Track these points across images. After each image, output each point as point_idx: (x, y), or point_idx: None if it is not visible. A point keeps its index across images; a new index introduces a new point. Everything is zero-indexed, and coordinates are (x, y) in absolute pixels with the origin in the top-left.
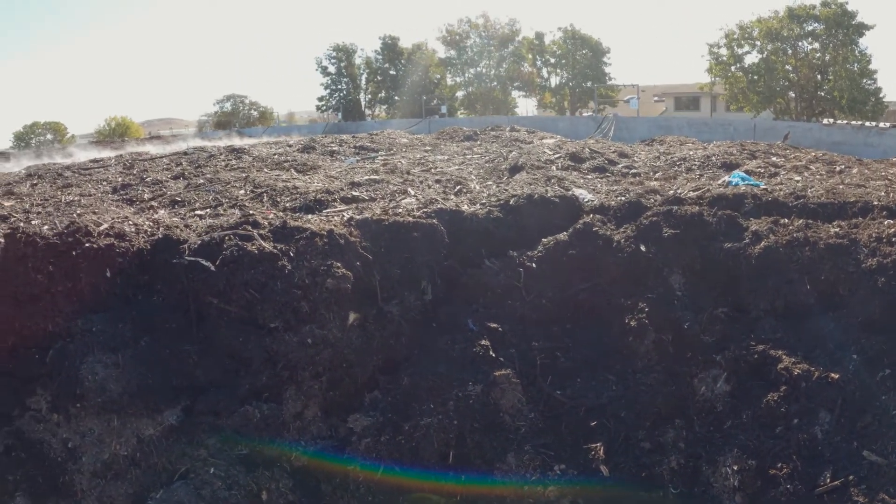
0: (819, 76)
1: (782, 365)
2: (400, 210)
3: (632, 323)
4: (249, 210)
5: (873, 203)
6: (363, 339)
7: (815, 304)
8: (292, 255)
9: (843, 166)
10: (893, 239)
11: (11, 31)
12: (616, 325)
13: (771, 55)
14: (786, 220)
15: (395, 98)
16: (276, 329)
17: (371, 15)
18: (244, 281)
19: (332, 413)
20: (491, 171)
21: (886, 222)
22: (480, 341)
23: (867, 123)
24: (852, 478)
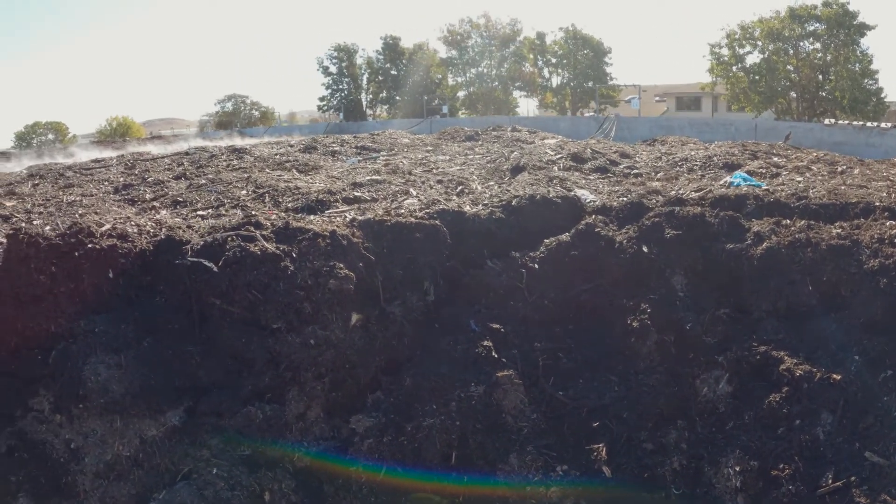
0: (820, 76)
1: (784, 366)
2: (402, 211)
3: (634, 324)
4: (251, 210)
5: (875, 204)
6: (366, 340)
7: (817, 306)
8: (295, 256)
9: (845, 167)
10: (895, 240)
11: (13, 32)
12: (618, 326)
13: (772, 55)
14: (788, 221)
15: (397, 98)
16: (279, 330)
17: (372, 15)
18: (247, 282)
19: (335, 414)
20: (493, 172)
21: (888, 223)
22: (483, 342)
23: (868, 124)
24: (854, 479)
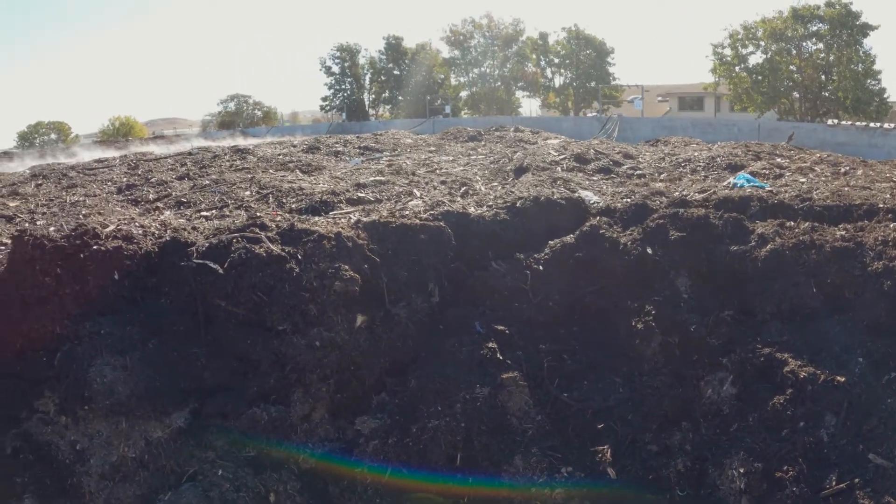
0: (823, 76)
1: (788, 368)
2: (407, 212)
3: (638, 325)
4: (256, 211)
5: (879, 206)
6: (370, 342)
7: (821, 307)
8: (300, 258)
9: (848, 168)
10: None
11: (16, 32)
12: (622, 328)
13: (775, 55)
14: (792, 223)
15: (399, 98)
16: (284, 331)
17: (375, 15)
18: (252, 283)
19: (340, 415)
20: (496, 172)
21: (892, 225)
22: (487, 343)
23: (872, 124)
24: (858, 481)
